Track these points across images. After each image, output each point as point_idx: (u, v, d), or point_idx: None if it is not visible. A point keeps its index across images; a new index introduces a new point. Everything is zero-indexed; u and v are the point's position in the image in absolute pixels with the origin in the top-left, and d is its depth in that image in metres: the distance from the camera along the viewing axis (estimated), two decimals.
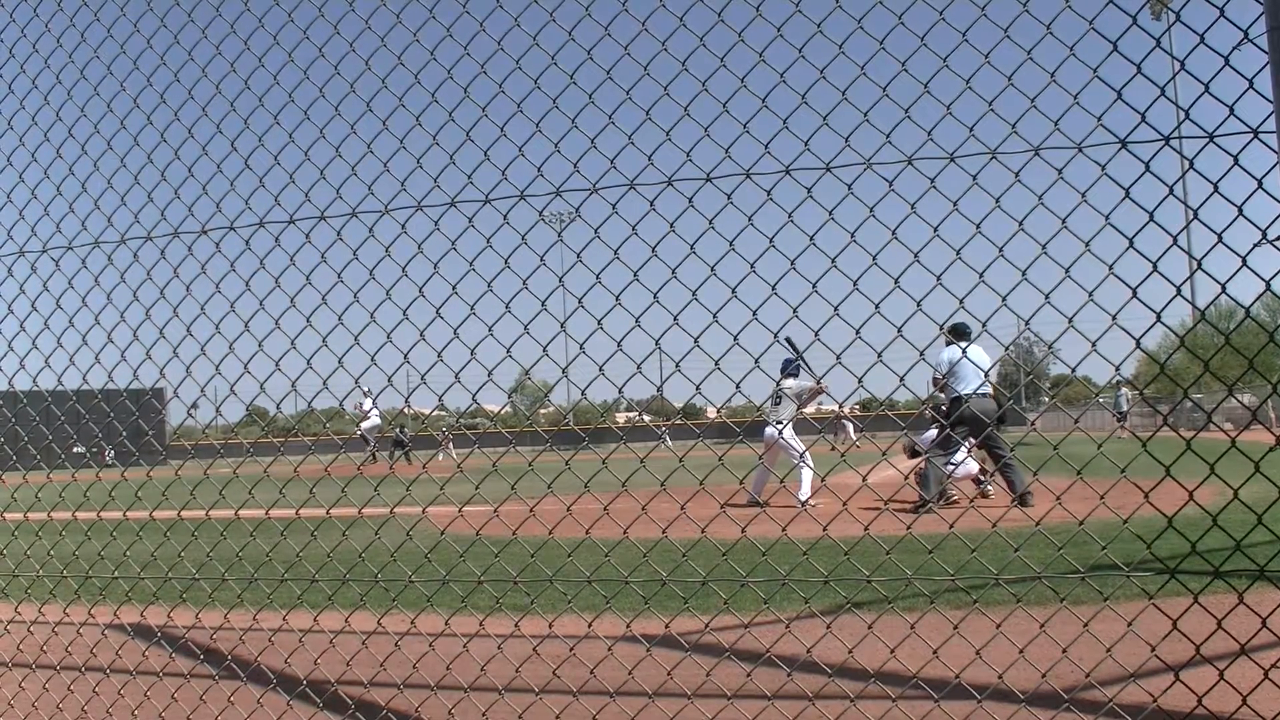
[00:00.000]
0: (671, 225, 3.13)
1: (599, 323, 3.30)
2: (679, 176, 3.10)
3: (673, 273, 3.12)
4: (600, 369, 3.35)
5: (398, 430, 35.32)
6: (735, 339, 3.07)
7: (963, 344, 12.36)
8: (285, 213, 3.80)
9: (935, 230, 2.87)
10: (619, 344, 3.25)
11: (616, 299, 3.25)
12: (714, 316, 3.08)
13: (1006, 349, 3.02)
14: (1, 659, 4.88)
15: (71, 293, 4.33)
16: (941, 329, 2.99)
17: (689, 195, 3.11)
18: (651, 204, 3.13)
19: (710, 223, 3.12)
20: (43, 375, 4.48)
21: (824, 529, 3.36)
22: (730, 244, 3.07)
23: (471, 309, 3.44)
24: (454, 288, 3.48)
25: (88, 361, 4.32)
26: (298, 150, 3.80)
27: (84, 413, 4.66)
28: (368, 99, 3.66)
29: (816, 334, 3.04)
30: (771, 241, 3.03)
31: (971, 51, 2.80)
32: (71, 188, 4.31)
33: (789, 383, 14.22)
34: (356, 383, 3.81)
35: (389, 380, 3.77)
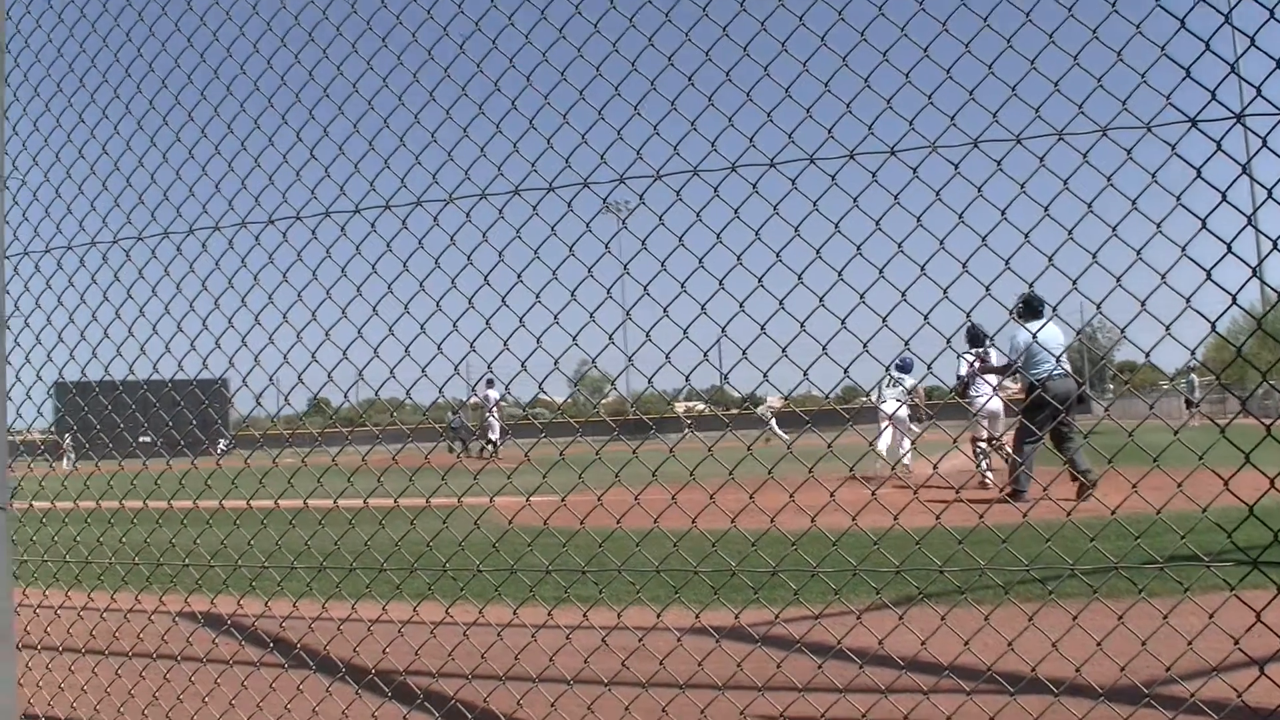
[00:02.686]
0: (736, 211, 3.18)
1: (665, 310, 3.35)
2: (742, 163, 3.15)
3: (738, 259, 3.17)
4: (667, 357, 3.40)
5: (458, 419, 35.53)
6: (802, 325, 3.11)
7: (1033, 324, 12.04)
8: (350, 202, 3.91)
9: (1003, 214, 2.89)
10: (685, 331, 3.31)
11: (682, 286, 3.32)
12: (780, 303, 3.13)
13: (1078, 334, 3.03)
14: (75, 645, 5.04)
15: (142, 283, 4.47)
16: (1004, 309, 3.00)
17: (753, 181, 3.16)
18: (715, 190, 3.19)
19: (775, 209, 3.16)
20: (115, 365, 4.62)
21: (894, 519, 3.39)
22: (795, 230, 3.12)
23: (537, 297, 3.52)
24: (519, 276, 3.57)
25: (157, 351, 4.45)
26: (362, 140, 3.91)
27: (154, 401, 4.80)
28: (430, 87, 3.74)
29: (884, 320, 3.07)
30: (837, 227, 3.07)
31: (1036, 31, 2.81)
32: (141, 179, 4.45)
33: (907, 379, 15.57)
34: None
35: (455, 369, 3.85)
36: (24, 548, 5.55)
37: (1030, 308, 12.08)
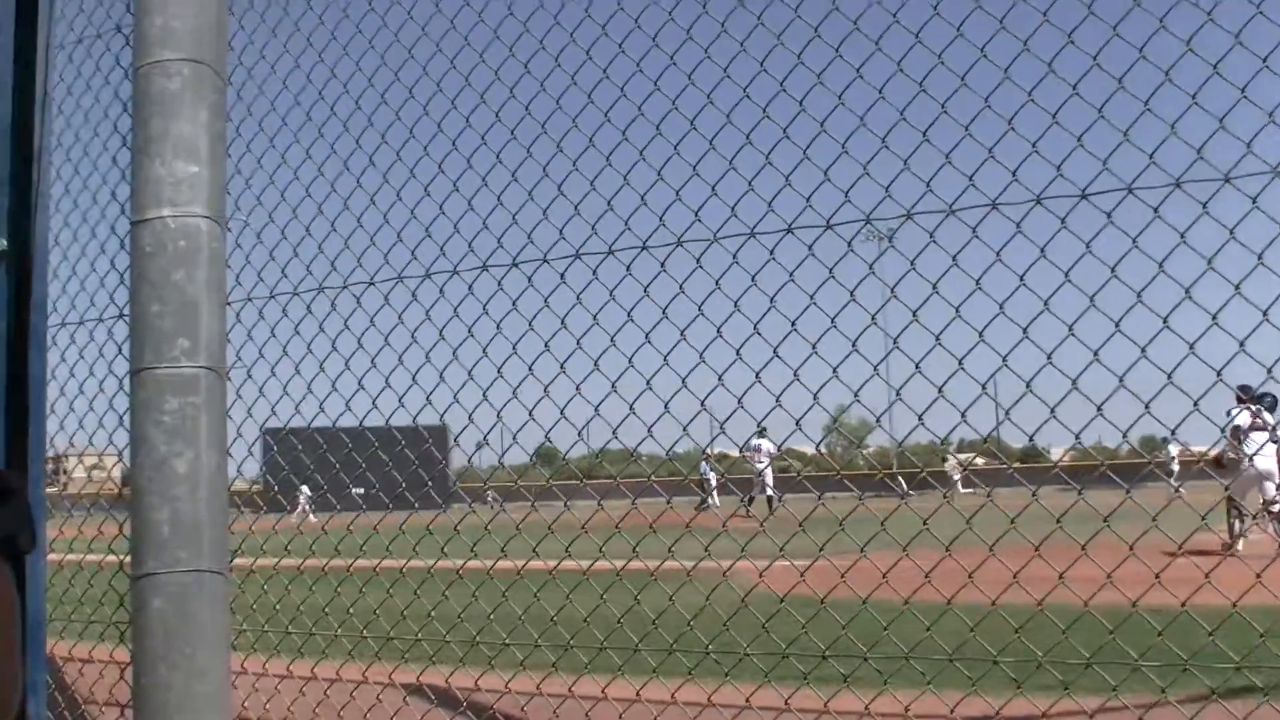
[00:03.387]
0: (998, 254, 3.57)
1: (936, 337, 3.81)
2: (1003, 200, 3.53)
3: (1000, 308, 3.56)
4: (940, 391, 3.76)
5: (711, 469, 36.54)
6: (1074, 384, 3.46)
7: None
8: (571, 248, 4.51)
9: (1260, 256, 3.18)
10: (960, 362, 3.75)
11: (957, 313, 3.70)
12: (1048, 358, 3.46)
13: None
14: None
15: (373, 331, 5.14)
16: None
17: (1017, 220, 3.59)
18: (974, 230, 3.61)
19: (1042, 251, 3.53)
20: (336, 413, 5.26)
21: (1233, 606, 3.60)
22: (1066, 275, 3.48)
23: (814, 348, 4.03)
24: (755, 326, 4.12)
25: (389, 401, 5.09)
26: (616, 174, 4.50)
27: (386, 459, 5.35)
28: (710, 135, 4.28)
29: (1191, 347, 3.35)
30: (1114, 272, 3.41)
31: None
32: (372, 219, 5.16)
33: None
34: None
35: (721, 427, 4.31)
36: (243, 615, 6.06)
37: None
